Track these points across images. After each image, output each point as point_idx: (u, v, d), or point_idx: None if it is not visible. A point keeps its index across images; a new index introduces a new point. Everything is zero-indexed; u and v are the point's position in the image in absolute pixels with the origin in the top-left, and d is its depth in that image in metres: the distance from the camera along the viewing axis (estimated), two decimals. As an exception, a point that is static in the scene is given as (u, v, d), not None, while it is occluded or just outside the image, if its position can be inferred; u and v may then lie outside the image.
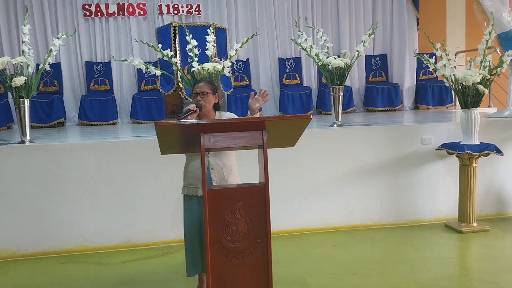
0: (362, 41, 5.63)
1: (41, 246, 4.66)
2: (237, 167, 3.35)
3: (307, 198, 5.14)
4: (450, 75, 4.76)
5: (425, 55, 5.07)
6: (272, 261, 2.83)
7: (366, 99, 9.04)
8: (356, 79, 9.12)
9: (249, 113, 3.18)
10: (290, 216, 5.09)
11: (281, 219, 4.97)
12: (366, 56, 8.99)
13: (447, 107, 8.72)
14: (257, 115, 3.15)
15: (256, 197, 2.78)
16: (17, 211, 4.63)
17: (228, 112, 3.44)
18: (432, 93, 8.76)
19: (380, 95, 8.84)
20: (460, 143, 4.94)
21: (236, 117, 3.36)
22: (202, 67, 4.71)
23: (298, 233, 5.09)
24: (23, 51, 4.91)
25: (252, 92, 3.24)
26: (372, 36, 5.65)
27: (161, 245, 4.83)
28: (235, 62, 8.44)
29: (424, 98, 8.83)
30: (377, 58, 9.14)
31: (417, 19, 9.10)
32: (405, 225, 5.27)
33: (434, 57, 6.60)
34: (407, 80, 9.04)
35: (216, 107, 3.32)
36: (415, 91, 9.10)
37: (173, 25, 6.52)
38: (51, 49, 5.07)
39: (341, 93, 5.68)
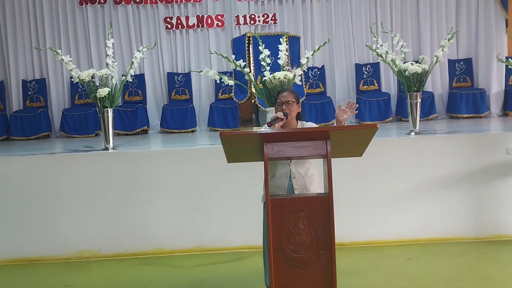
0: (441, 46, 5.39)
1: (120, 247, 4.92)
2: (317, 176, 3.30)
3: (381, 209, 4.98)
4: (538, 80, 4.43)
5: (510, 59, 4.75)
6: (339, 273, 2.78)
7: (449, 106, 8.61)
8: (439, 85, 8.73)
9: (335, 125, 3.15)
10: (363, 227, 4.97)
11: (352, 230, 4.88)
12: (449, 60, 8.61)
13: (540, 114, 8.09)
14: None
15: (319, 208, 2.76)
16: (99, 214, 4.93)
17: (309, 122, 3.39)
18: (524, 98, 8.16)
19: (465, 101, 8.38)
20: (551, 153, 4.57)
21: (317, 127, 3.34)
22: (274, 76, 4.76)
23: (371, 245, 4.94)
24: (107, 64, 5.24)
25: (340, 104, 3.19)
26: (452, 41, 5.39)
27: (232, 250, 4.90)
28: (309, 69, 8.41)
29: (514, 104, 8.25)
30: (461, 63, 8.68)
31: (506, 20, 8.52)
32: (487, 240, 4.93)
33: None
34: (494, 85, 8.49)
35: (298, 117, 3.31)
36: (503, 96, 8.52)
37: (248, 35, 6.64)
38: (132, 61, 5.37)
39: (419, 100, 5.47)
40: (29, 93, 8.40)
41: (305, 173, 3.20)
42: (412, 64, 5.34)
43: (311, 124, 3.35)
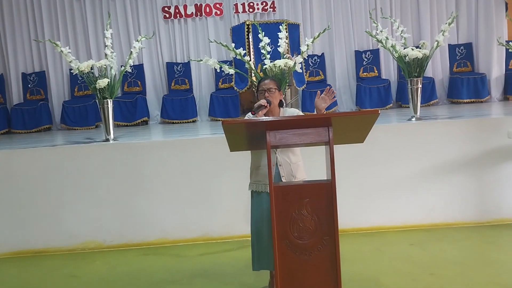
0: (442, 30, 5.37)
1: (124, 238, 4.94)
2: (303, 162, 3.34)
3: (384, 195, 5.00)
4: (540, 63, 4.41)
5: (511, 42, 4.72)
6: (343, 259, 2.80)
7: (450, 91, 8.59)
8: (439, 70, 8.71)
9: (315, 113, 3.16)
10: (366, 213, 4.99)
11: (355, 216, 4.90)
12: (449, 45, 8.57)
13: (541, 98, 8.06)
14: None
15: (323, 194, 2.77)
16: (103, 205, 4.94)
17: (292, 109, 3.44)
18: (524, 82, 8.13)
19: (466, 86, 8.36)
20: (553, 136, 4.57)
21: (300, 113, 3.37)
22: (274, 64, 4.74)
23: (374, 231, 4.96)
24: (106, 55, 5.22)
25: (318, 91, 3.20)
26: (452, 25, 5.36)
27: (236, 239, 4.93)
28: (309, 57, 8.38)
29: (515, 88, 8.23)
30: (462, 48, 8.64)
31: (506, 4, 8.45)
32: (490, 224, 4.95)
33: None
34: (495, 69, 8.45)
35: (280, 104, 3.34)
36: (504, 81, 8.48)
37: (247, 23, 6.60)
38: (131, 51, 5.34)
39: (420, 86, 5.46)
40: (29, 86, 8.39)
41: (291, 160, 3.23)
42: (412, 49, 5.32)
43: (293, 111, 3.38)
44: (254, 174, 3.32)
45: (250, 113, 3.15)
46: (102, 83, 5.06)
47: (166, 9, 8.51)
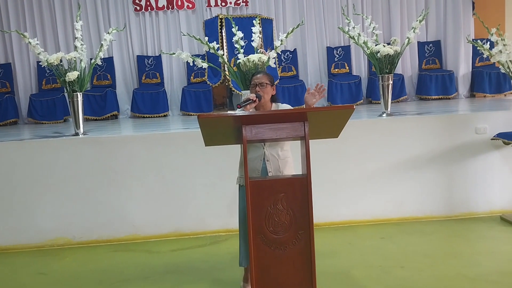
0: (413, 27, 5.45)
1: (94, 234, 4.85)
2: (292, 158, 3.32)
3: (355, 190, 5.06)
4: (506, 61, 4.53)
5: (479, 41, 4.84)
6: (315, 253, 2.81)
7: (419, 87, 8.75)
8: (408, 67, 8.85)
9: None
10: (337, 207, 5.04)
11: (327, 210, 4.94)
12: (418, 42, 8.71)
13: (505, 95, 8.29)
14: None
15: (298, 189, 2.77)
16: (72, 201, 4.84)
17: (284, 104, 3.38)
18: (489, 80, 8.33)
19: (434, 83, 8.52)
20: (518, 132, 4.71)
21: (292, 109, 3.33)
22: (248, 59, 4.71)
23: (345, 225, 5.02)
24: (75, 47, 5.10)
25: (309, 87, 3.18)
26: (423, 22, 5.45)
27: (209, 234, 4.91)
28: (282, 53, 8.40)
29: (481, 86, 8.42)
30: (430, 45, 8.81)
31: (473, 3, 8.64)
32: (458, 218, 5.08)
33: (489, 42, 6.25)
34: (462, 67, 8.65)
35: (273, 99, 3.29)
36: (470, 78, 8.69)
37: (220, 17, 6.54)
38: (102, 44, 5.23)
39: (391, 82, 5.54)
40: (-7, 78, 8.14)
41: (278, 156, 3.21)
42: (384, 46, 5.38)
43: (286, 106, 3.34)
44: (243, 168, 3.27)
45: (236, 106, 3.10)
46: (72, 75, 4.94)
47: (137, 1, 8.36)
